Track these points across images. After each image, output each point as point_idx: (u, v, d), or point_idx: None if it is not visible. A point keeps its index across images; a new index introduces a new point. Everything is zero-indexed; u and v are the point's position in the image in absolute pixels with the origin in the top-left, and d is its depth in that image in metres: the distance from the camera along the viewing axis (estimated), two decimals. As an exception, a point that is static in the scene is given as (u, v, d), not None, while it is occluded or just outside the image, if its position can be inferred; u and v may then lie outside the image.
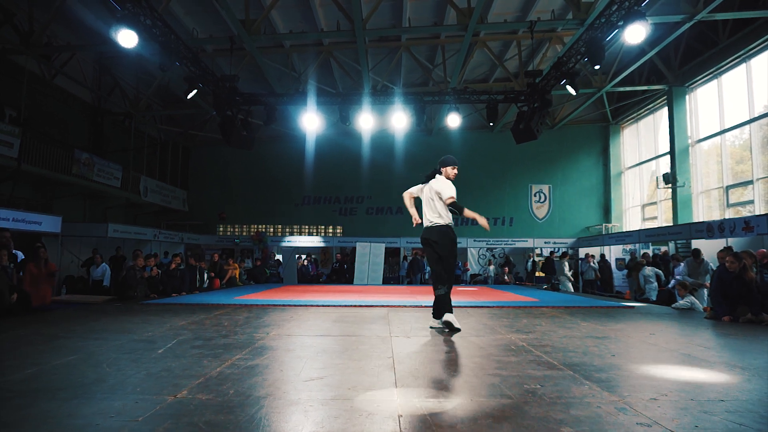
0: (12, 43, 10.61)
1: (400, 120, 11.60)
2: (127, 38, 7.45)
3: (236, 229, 19.01)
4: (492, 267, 15.77)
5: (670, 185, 13.77)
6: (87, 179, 12.78)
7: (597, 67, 8.88)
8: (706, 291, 7.97)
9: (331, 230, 18.79)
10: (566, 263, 13.35)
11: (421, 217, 4.69)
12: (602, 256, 14.07)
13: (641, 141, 16.79)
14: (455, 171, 4.63)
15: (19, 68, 11.42)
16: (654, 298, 9.61)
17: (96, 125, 14.91)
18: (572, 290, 12.92)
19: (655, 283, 10.17)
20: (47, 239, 10.24)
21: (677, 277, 8.81)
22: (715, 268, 7.16)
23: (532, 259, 16.50)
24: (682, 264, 8.82)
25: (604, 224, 17.55)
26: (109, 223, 12.43)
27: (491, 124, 11.69)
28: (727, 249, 6.60)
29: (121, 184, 14.40)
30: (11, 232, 7.15)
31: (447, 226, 4.50)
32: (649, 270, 10.35)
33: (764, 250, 6.45)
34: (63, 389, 2.40)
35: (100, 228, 12.13)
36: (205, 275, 10.54)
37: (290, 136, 18.08)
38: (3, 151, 9.96)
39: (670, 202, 14.13)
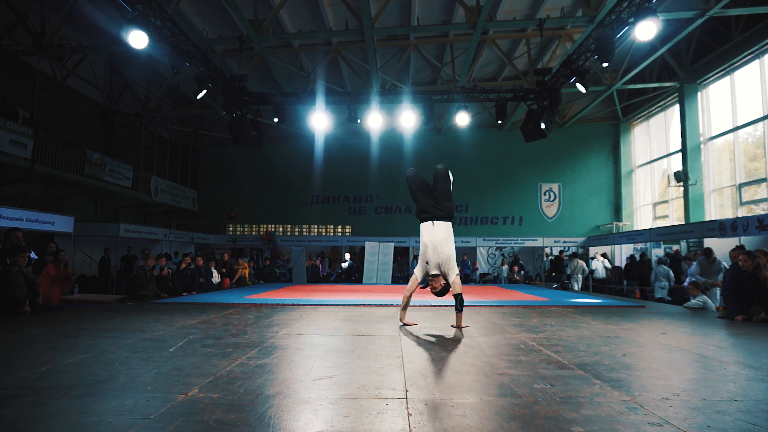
0: (24, 45, 10.75)
1: (408, 119, 11.55)
2: (137, 39, 7.50)
3: (245, 229, 19.11)
4: (505, 267, 15.69)
5: (681, 183, 13.60)
6: (98, 179, 12.90)
7: (606, 64, 8.78)
8: (718, 290, 7.87)
9: (340, 230, 18.82)
10: (578, 261, 13.24)
11: None
12: (605, 254, 13.93)
13: (652, 139, 16.60)
14: None
15: (31, 69, 11.55)
16: (667, 297, 9.52)
17: (107, 125, 15.06)
18: (578, 289, 12.81)
19: (665, 282, 10.09)
20: (60, 239, 10.36)
21: (690, 276, 8.72)
22: (727, 267, 7.07)
23: (550, 257, 16.36)
24: (695, 263, 8.74)
25: (614, 223, 17.39)
26: (120, 222, 12.57)
27: (500, 122, 11.62)
28: (740, 248, 6.51)
29: (132, 184, 14.52)
30: (23, 231, 7.22)
31: None
32: (659, 269, 10.26)
33: (778, 248, 6.35)
34: (75, 387, 2.43)
35: (112, 228, 12.30)
36: (214, 273, 10.57)
37: (299, 135, 18.14)
38: (17, 151, 10.09)
39: (681, 201, 13.96)
